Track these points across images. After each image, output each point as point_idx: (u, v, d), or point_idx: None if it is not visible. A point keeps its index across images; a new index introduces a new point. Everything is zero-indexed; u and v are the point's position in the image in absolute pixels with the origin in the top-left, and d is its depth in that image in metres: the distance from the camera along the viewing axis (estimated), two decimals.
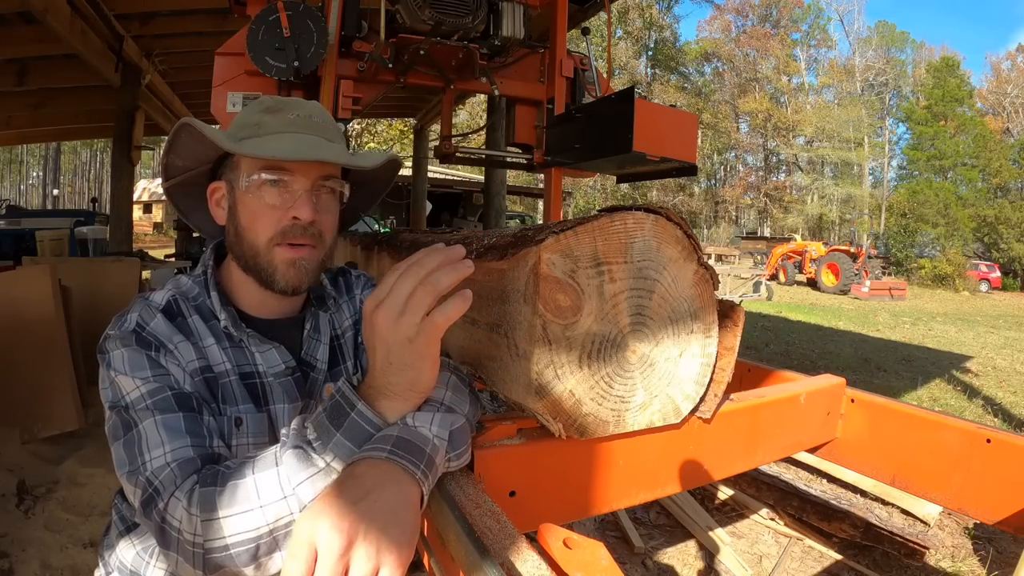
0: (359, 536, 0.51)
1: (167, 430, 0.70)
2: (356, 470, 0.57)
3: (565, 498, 0.78)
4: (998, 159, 33.27)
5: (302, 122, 0.84)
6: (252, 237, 0.82)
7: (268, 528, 0.60)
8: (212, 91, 2.16)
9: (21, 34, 4.79)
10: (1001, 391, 5.39)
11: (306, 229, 0.82)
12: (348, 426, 0.62)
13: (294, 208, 0.81)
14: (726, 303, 0.84)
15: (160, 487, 0.65)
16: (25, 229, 7.24)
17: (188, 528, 0.61)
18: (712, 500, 2.75)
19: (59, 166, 40.91)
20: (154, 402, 0.72)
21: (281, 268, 0.82)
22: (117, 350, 0.76)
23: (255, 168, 0.81)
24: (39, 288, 3.07)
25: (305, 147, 0.80)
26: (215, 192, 0.88)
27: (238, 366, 0.83)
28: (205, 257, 0.90)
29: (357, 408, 0.62)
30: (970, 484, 0.95)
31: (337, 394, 0.64)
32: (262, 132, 0.82)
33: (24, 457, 2.77)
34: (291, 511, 0.59)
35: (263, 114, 0.84)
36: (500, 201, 6.39)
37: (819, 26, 44.71)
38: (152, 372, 0.74)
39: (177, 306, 0.83)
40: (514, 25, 2.29)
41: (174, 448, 0.68)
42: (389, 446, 0.60)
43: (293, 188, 0.81)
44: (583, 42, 2.71)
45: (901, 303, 15.78)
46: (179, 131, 0.82)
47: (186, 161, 0.87)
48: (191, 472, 0.66)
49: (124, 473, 0.69)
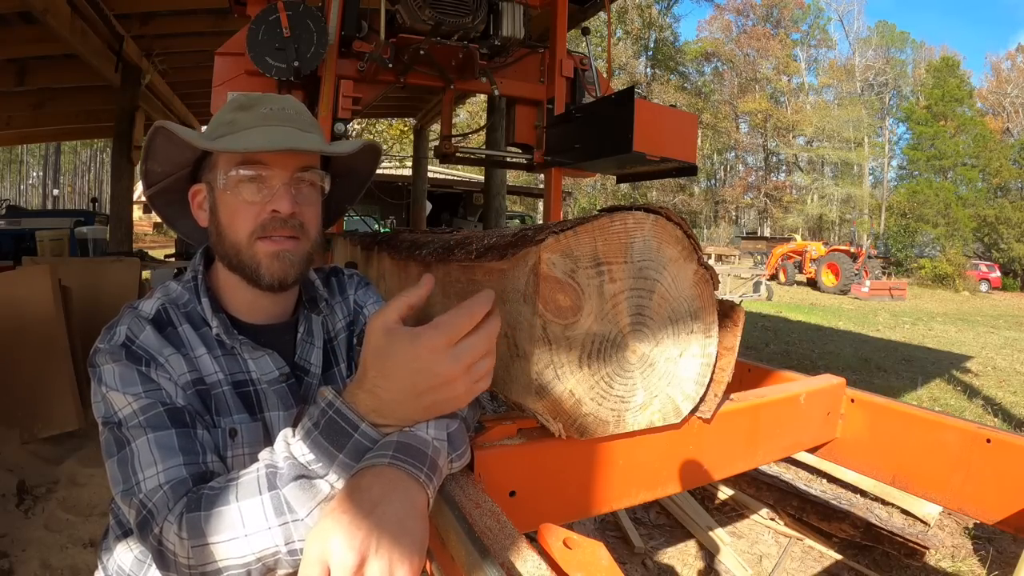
0: (371, 551, 0.50)
1: (160, 448, 0.69)
2: (362, 481, 0.57)
3: (565, 498, 0.78)
4: (998, 159, 33.23)
5: (275, 115, 0.83)
6: (233, 234, 0.81)
7: (255, 556, 0.59)
8: (212, 91, 2.16)
9: (21, 34, 4.80)
10: (1001, 391, 5.39)
11: (286, 222, 0.81)
12: (352, 446, 0.61)
13: (272, 201, 0.80)
14: (726, 303, 0.84)
15: (154, 510, 0.65)
16: (25, 229, 7.25)
17: (182, 553, 0.61)
18: (712, 500, 2.75)
19: (59, 166, 40.92)
20: (146, 419, 0.71)
21: (265, 261, 0.81)
22: (107, 364, 0.75)
23: (232, 165, 0.80)
24: (39, 288, 3.07)
25: (279, 138, 0.79)
26: (196, 195, 0.87)
27: (231, 374, 0.82)
28: (194, 262, 0.88)
29: (361, 429, 0.61)
30: (970, 484, 0.95)
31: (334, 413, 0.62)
32: (236, 128, 0.81)
33: (24, 457, 2.77)
34: (275, 544, 0.59)
35: (236, 111, 0.83)
36: (500, 201, 6.39)
37: (819, 26, 44.70)
38: (144, 388, 0.73)
39: (167, 315, 0.81)
40: (514, 25, 2.29)
41: (167, 468, 0.68)
42: (391, 452, 0.59)
43: (271, 182, 0.80)
44: (583, 42, 2.71)
45: (901, 303, 15.77)
46: (154, 136, 0.81)
47: (164, 166, 0.86)
48: (183, 494, 0.65)
49: (119, 492, 0.69)
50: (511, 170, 6.51)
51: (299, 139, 0.81)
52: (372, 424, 0.61)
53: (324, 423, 0.61)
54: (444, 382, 0.59)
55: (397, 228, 9.21)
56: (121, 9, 4.84)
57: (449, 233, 1.29)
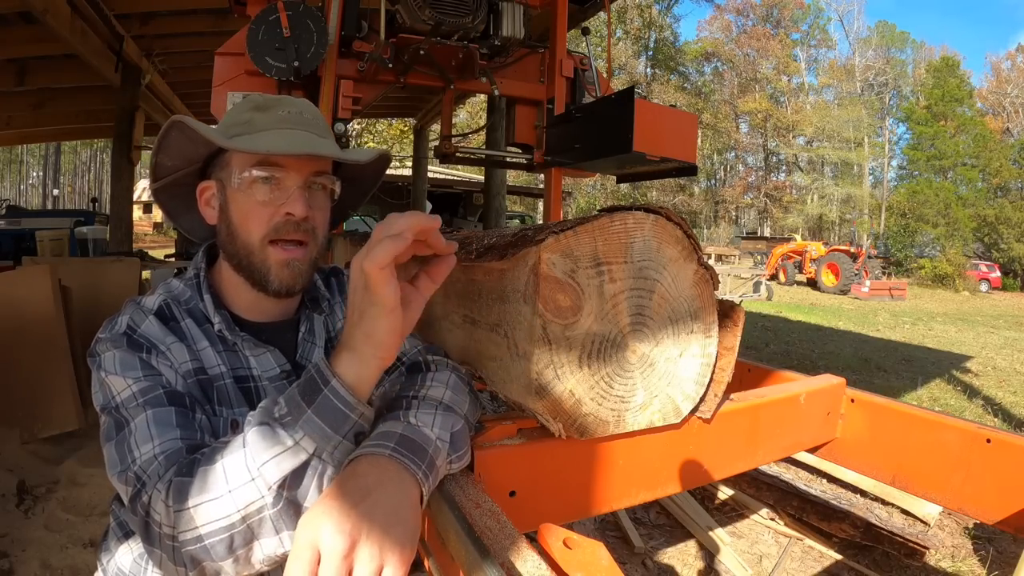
0: (362, 537, 0.51)
1: (157, 424, 0.68)
2: (358, 468, 0.57)
3: (565, 498, 0.78)
4: (998, 159, 33.23)
5: (293, 118, 0.83)
6: (245, 235, 0.81)
7: (240, 515, 0.58)
8: (212, 91, 2.16)
9: (21, 34, 4.80)
10: (1001, 391, 5.39)
11: (299, 225, 0.81)
12: (320, 403, 0.61)
13: (287, 204, 0.80)
14: (726, 303, 0.84)
15: (147, 479, 0.64)
16: (25, 229, 7.25)
17: (167, 522, 0.59)
18: (712, 500, 2.75)
19: (59, 166, 40.91)
20: (145, 400, 0.71)
21: (275, 269, 0.82)
22: (108, 352, 0.75)
23: (247, 165, 0.80)
24: (39, 288, 3.07)
25: (298, 142, 0.80)
26: (204, 191, 0.87)
27: (232, 369, 0.82)
28: (197, 260, 0.88)
29: (331, 385, 0.61)
30: (970, 484, 0.95)
31: (312, 369, 0.63)
32: (253, 129, 0.81)
33: (24, 457, 2.77)
34: (260, 494, 0.58)
35: (253, 112, 0.83)
36: (500, 201, 6.39)
37: (819, 26, 44.70)
38: (143, 372, 0.73)
39: (169, 310, 0.82)
40: (514, 25, 2.29)
41: (163, 441, 0.67)
42: (392, 443, 0.60)
43: (286, 184, 0.81)
44: (583, 42, 2.71)
45: (901, 303, 15.77)
46: (169, 129, 0.80)
47: (175, 161, 0.86)
48: (176, 463, 0.64)
49: (116, 473, 0.67)
50: (511, 170, 6.52)
51: (317, 144, 0.81)
52: (344, 384, 0.61)
53: (305, 380, 0.63)
54: (356, 288, 0.60)
55: None
56: (121, 9, 4.84)
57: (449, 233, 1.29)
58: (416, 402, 0.70)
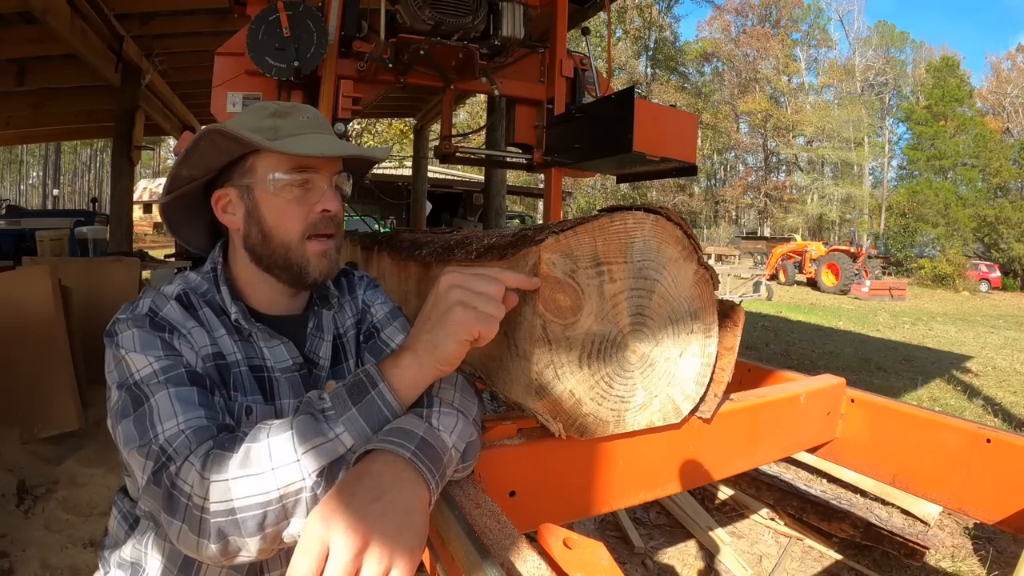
0: (373, 538, 0.51)
1: (181, 402, 0.69)
2: (374, 466, 0.58)
3: (565, 498, 0.78)
4: (998, 159, 33.21)
5: (312, 123, 0.88)
6: (282, 234, 0.85)
7: (278, 493, 0.59)
8: (212, 91, 2.16)
9: (21, 34, 4.80)
10: (1001, 391, 5.39)
11: (332, 219, 0.87)
12: (366, 403, 0.64)
13: (322, 202, 0.86)
14: (726, 303, 0.84)
15: (174, 453, 0.64)
16: (25, 229, 7.25)
17: (199, 492, 0.60)
18: (712, 500, 2.75)
19: (59, 166, 40.88)
20: (167, 377, 0.71)
21: (314, 260, 0.86)
22: (128, 331, 0.75)
23: (280, 168, 0.83)
24: (39, 288, 3.07)
25: (332, 146, 0.85)
26: (221, 199, 0.88)
27: (248, 358, 0.85)
28: (214, 254, 0.91)
29: (379, 388, 0.65)
30: (970, 484, 0.95)
31: (362, 372, 0.67)
32: (283, 134, 0.84)
33: (24, 457, 2.77)
34: (303, 476, 0.59)
35: (275, 118, 0.86)
36: (500, 201, 6.39)
37: (819, 26, 44.67)
38: (164, 352, 0.74)
39: (188, 299, 0.84)
40: (514, 25, 2.29)
41: (188, 418, 0.67)
42: (413, 446, 0.60)
43: (317, 184, 0.86)
44: (583, 42, 2.71)
45: (901, 303, 15.77)
46: (200, 140, 0.80)
47: (194, 171, 0.87)
48: (207, 438, 0.65)
49: (134, 447, 0.67)
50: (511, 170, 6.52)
51: (345, 146, 0.88)
52: (392, 388, 0.65)
53: (353, 381, 0.66)
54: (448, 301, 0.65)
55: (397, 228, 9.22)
56: (121, 9, 4.84)
57: (449, 233, 1.29)
58: (437, 401, 0.70)
